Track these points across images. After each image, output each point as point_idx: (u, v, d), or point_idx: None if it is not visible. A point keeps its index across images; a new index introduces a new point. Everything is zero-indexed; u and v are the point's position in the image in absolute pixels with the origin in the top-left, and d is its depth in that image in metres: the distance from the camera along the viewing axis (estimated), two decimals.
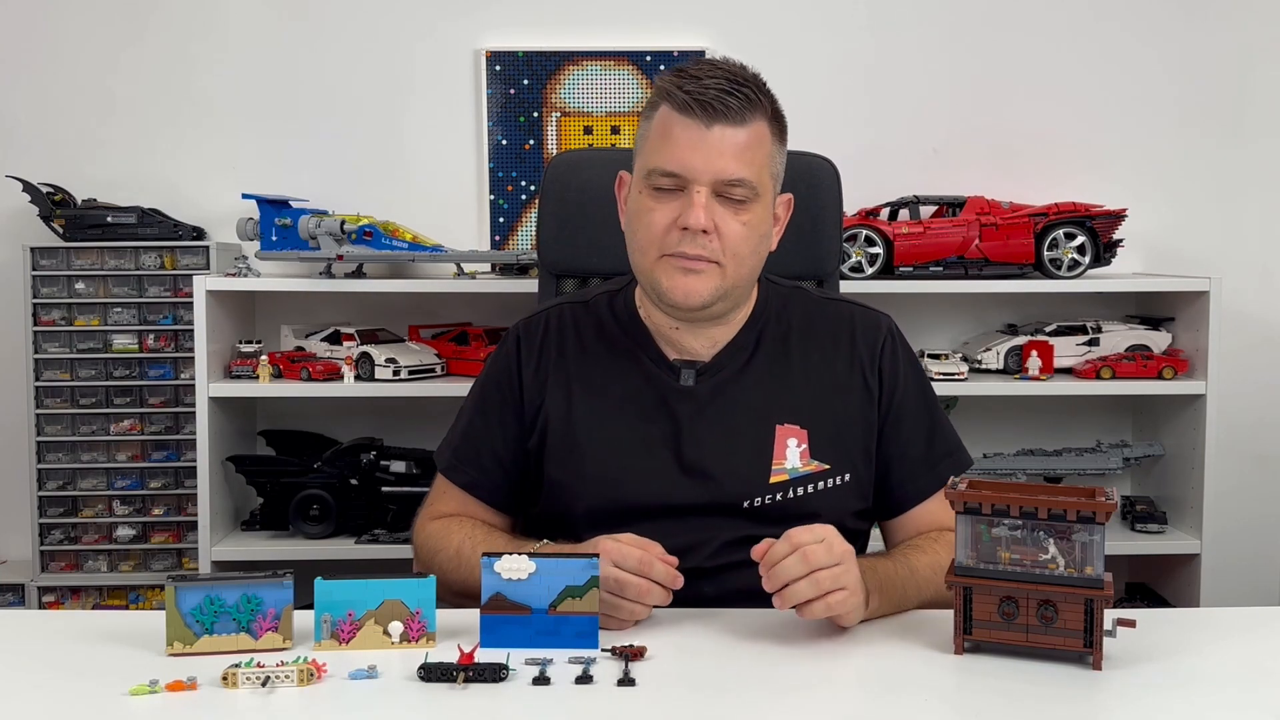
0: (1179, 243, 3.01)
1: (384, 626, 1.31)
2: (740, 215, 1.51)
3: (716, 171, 1.49)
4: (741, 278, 1.55)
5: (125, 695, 1.18)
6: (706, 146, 1.49)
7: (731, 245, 1.51)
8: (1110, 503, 1.25)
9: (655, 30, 2.95)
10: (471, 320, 2.91)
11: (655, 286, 1.55)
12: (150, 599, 2.85)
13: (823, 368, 1.63)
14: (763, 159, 1.53)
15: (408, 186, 2.97)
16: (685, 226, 1.49)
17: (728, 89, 1.48)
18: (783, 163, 1.60)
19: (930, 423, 1.66)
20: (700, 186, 1.49)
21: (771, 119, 1.55)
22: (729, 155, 1.49)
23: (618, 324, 1.66)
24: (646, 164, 1.53)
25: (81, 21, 2.94)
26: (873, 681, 1.25)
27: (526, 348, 1.66)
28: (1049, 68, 2.99)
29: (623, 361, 1.63)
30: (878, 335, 1.65)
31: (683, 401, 1.60)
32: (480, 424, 1.67)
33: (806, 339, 1.65)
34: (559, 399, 1.63)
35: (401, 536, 2.70)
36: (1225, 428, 2.75)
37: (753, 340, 1.63)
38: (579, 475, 1.60)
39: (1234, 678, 1.24)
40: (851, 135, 2.92)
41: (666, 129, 1.51)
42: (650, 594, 1.37)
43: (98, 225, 2.80)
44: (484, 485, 1.66)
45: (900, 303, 2.81)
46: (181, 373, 2.81)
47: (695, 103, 1.48)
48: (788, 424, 1.58)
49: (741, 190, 1.50)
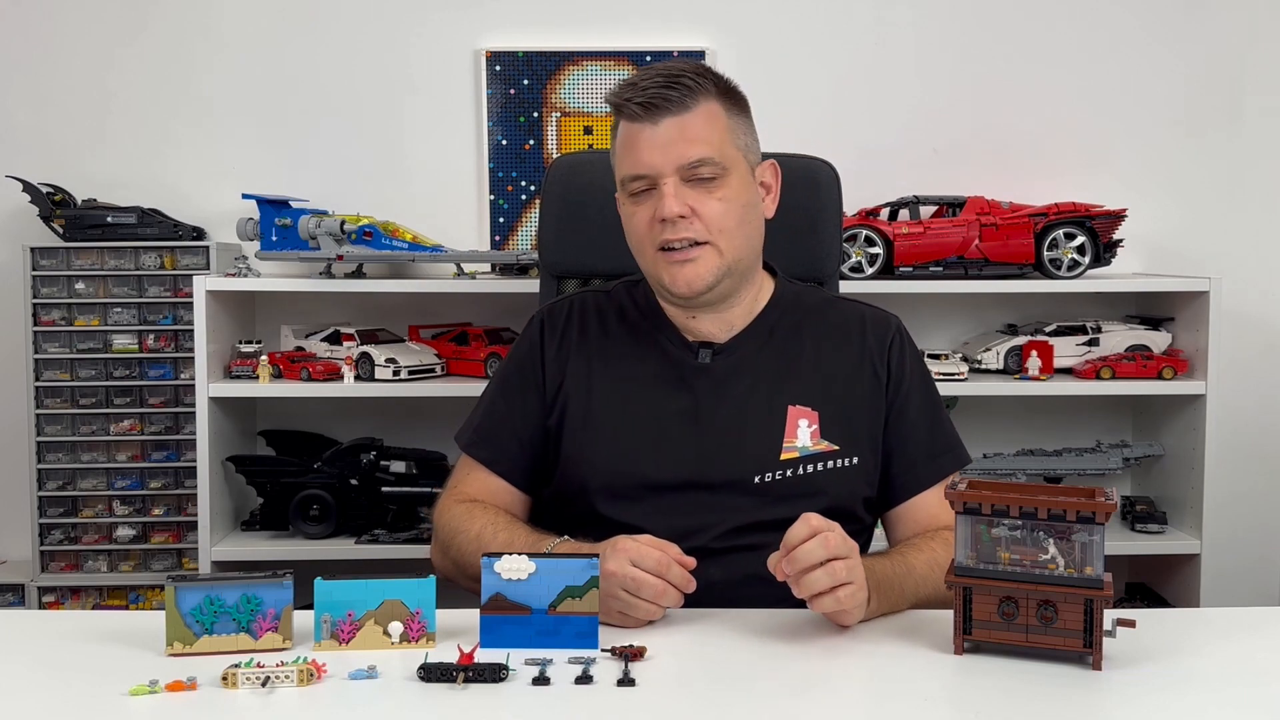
0: (1179, 243, 3.01)
1: (384, 627, 1.31)
2: (715, 193, 1.58)
3: (675, 159, 1.56)
4: (738, 250, 1.61)
5: (125, 695, 1.18)
6: (659, 141, 1.57)
7: (714, 223, 1.58)
8: (1110, 503, 1.25)
9: (655, 30, 2.95)
10: (471, 320, 2.91)
11: (659, 283, 1.63)
12: (150, 599, 2.85)
13: (834, 356, 1.68)
14: (720, 134, 1.59)
15: (408, 186, 2.97)
16: (662, 218, 1.57)
17: (664, 83, 1.57)
18: (750, 133, 1.66)
19: (933, 419, 1.70)
20: (666, 179, 1.57)
21: (722, 96, 1.62)
22: (682, 141, 1.57)
23: (637, 309, 1.73)
24: (620, 175, 1.63)
25: (81, 21, 2.94)
26: (873, 681, 1.25)
27: (549, 329, 1.73)
28: (1049, 68, 2.99)
29: (643, 342, 1.70)
30: (887, 331, 1.72)
31: (699, 378, 1.65)
32: (502, 404, 1.72)
33: (819, 330, 1.71)
34: (580, 376, 1.68)
35: (402, 537, 2.70)
36: (1225, 428, 2.75)
37: (767, 328, 1.69)
38: (595, 449, 1.64)
39: (1234, 678, 1.24)
40: (852, 135, 2.92)
41: (625, 139, 1.61)
42: (666, 595, 1.38)
43: (98, 225, 2.80)
44: (504, 462, 1.69)
45: (900, 303, 2.80)
46: (181, 373, 2.81)
47: (638, 106, 1.57)
48: (799, 405, 1.63)
49: (708, 168, 1.57)
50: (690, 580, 1.40)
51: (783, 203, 1.76)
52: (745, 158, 1.63)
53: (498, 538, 1.54)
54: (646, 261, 1.63)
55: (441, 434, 1.77)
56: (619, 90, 1.60)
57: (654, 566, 1.38)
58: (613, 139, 1.65)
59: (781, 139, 1.97)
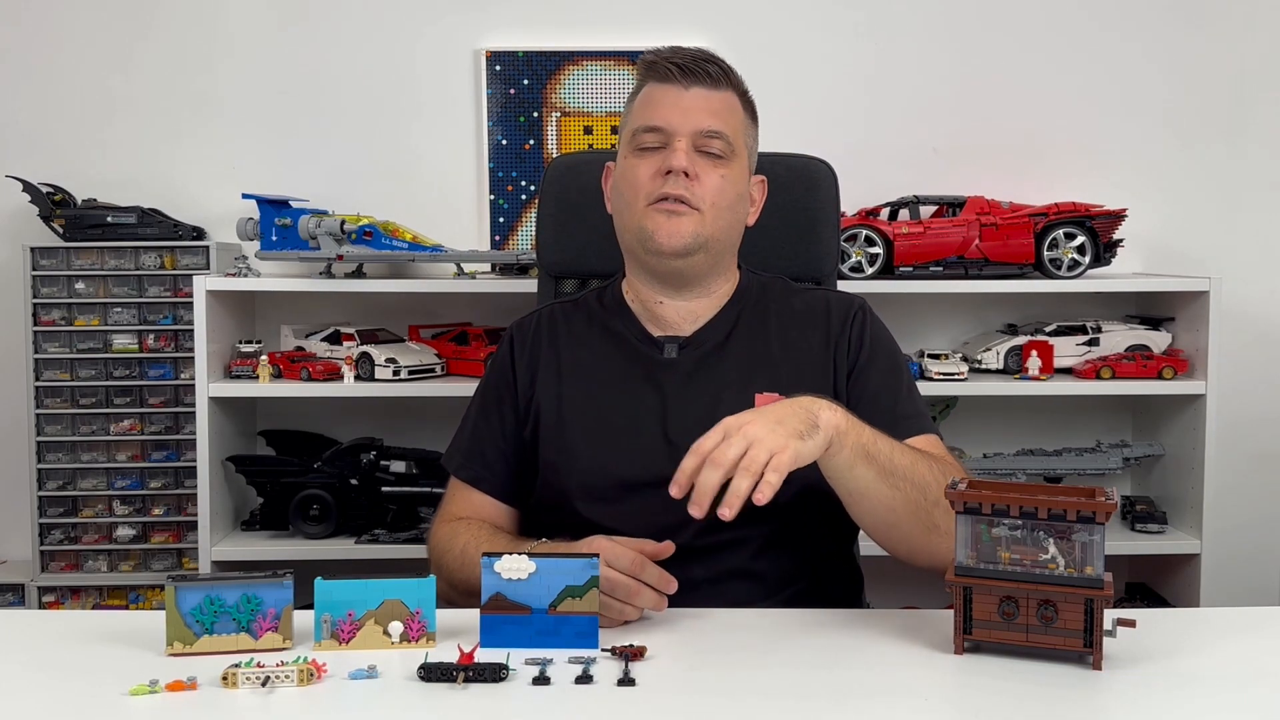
0: (1179, 243, 3.01)
1: (384, 626, 1.31)
2: (719, 168, 1.62)
3: (695, 124, 1.61)
4: (720, 230, 1.64)
5: (125, 695, 1.18)
6: (685, 104, 1.62)
7: (710, 194, 1.61)
8: (1110, 503, 1.25)
9: (655, 30, 2.94)
10: (471, 320, 2.91)
11: (642, 234, 1.63)
12: (150, 599, 2.85)
13: (800, 344, 1.69)
14: (737, 124, 1.65)
15: (408, 186, 2.97)
16: (669, 170, 1.59)
17: (704, 57, 1.64)
18: (755, 141, 1.72)
19: (895, 387, 1.67)
20: (681, 137, 1.60)
21: (744, 98, 1.68)
22: (706, 111, 1.62)
23: (604, 310, 1.74)
24: (632, 127, 1.65)
25: (82, 21, 2.94)
26: (873, 681, 1.25)
27: (519, 343, 1.74)
28: (1049, 67, 2.99)
29: (609, 343, 1.71)
30: (850, 309, 1.72)
31: (667, 373, 1.66)
32: (483, 423, 1.74)
33: (784, 318, 1.71)
34: (549, 385, 1.69)
35: (402, 537, 2.70)
36: (1225, 427, 2.75)
37: (732, 318, 1.71)
38: (570, 453, 1.65)
39: (1234, 678, 1.24)
40: (851, 135, 2.92)
41: (649, 96, 1.65)
42: (640, 595, 1.38)
43: (98, 225, 2.80)
44: (490, 480, 1.71)
45: (900, 303, 2.81)
46: (181, 373, 2.81)
47: (674, 68, 1.62)
48: (767, 394, 1.59)
49: (719, 143, 1.62)
50: (669, 579, 1.39)
51: (782, 202, 1.77)
52: (749, 157, 1.69)
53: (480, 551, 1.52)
54: (635, 215, 1.63)
55: (441, 434, 1.77)
56: (655, 54, 1.64)
57: (627, 567, 1.38)
58: (628, 105, 1.68)
59: (781, 138, 1.98)
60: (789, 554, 1.61)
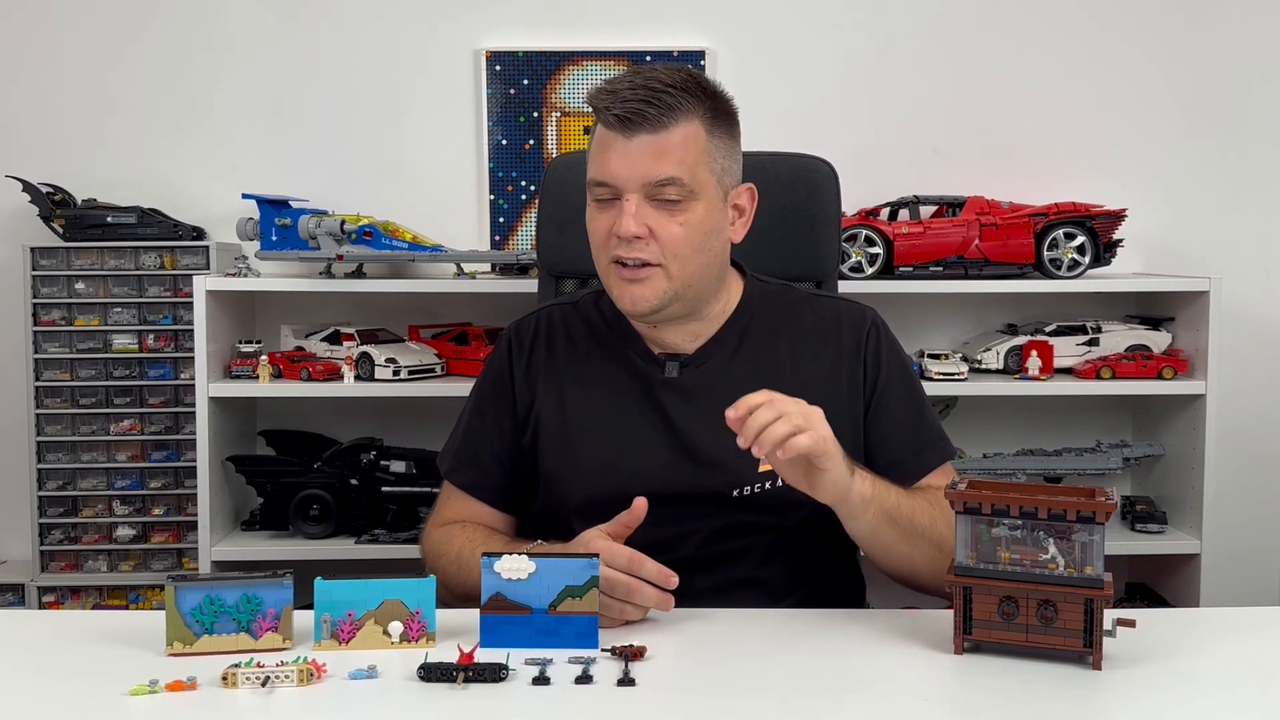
0: (1179, 243, 3.01)
1: (384, 626, 1.31)
2: (676, 216, 1.55)
3: (642, 177, 1.53)
4: (690, 277, 1.58)
5: (125, 695, 1.18)
6: (630, 156, 1.53)
7: (670, 247, 1.55)
8: (1110, 503, 1.25)
9: (655, 30, 2.95)
10: (471, 320, 2.91)
11: (610, 292, 1.61)
12: (150, 599, 2.85)
13: (811, 363, 1.65)
14: (695, 157, 1.54)
15: (408, 186, 2.96)
16: (618, 235, 1.54)
17: (645, 98, 1.52)
18: (731, 156, 1.61)
19: (915, 412, 1.67)
20: (630, 194, 1.54)
21: (707, 115, 1.57)
22: (652, 159, 1.52)
23: (604, 322, 1.71)
24: (588, 176, 1.60)
25: (81, 21, 2.94)
26: (873, 681, 1.25)
27: (517, 349, 1.72)
28: (1049, 68, 2.99)
29: (610, 357, 1.68)
30: (863, 326, 1.68)
31: (668, 392, 1.63)
32: (478, 426, 1.71)
33: (794, 335, 1.67)
34: (550, 395, 1.67)
35: (402, 536, 2.70)
36: (1225, 428, 2.75)
37: (736, 335, 1.67)
38: (572, 467, 1.63)
39: (1234, 678, 1.24)
40: (851, 135, 2.92)
41: (599, 142, 1.57)
42: (639, 593, 1.37)
43: (98, 225, 2.80)
44: (484, 486, 1.69)
45: (900, 303, 2.81)
46: (181, 373, 2.80)
47: (614, 117, 1.53)
48: None
49: (674, 189, 1.53)
50: (669, 574, 1.38)
51: (782, 202, 1.75)
52: (719, 181, 1.59)
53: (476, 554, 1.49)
54: (600, 268, 1.61)
55: (441, 434, 1.76)
56: (600, 94, 1.55)
57: (626, 565, 1.37)
58: (591, 135, 1.62)
59: (781, 138, 1.98)
60: (793, 562, 1.61)
